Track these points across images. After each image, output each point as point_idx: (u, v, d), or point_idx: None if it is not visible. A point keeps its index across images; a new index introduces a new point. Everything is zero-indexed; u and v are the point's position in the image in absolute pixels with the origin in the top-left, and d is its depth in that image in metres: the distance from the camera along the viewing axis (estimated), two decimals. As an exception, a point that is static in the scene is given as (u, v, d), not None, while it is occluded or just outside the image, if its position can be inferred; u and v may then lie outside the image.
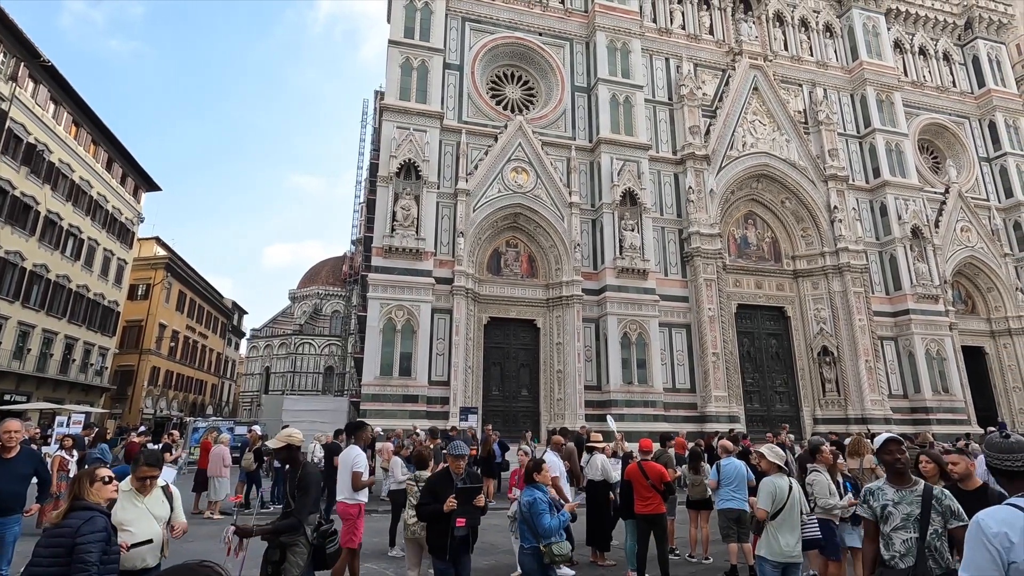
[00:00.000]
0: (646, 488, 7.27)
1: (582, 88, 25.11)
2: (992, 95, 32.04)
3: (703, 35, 27.89)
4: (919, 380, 25.16)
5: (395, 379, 19.41)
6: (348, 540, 6.16)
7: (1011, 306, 28.53)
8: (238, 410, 60.41)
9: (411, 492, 6.35)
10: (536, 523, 4.84)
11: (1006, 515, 2.33)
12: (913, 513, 3.44)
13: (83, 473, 3.67)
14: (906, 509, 3.47)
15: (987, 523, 2.32)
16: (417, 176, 21.12)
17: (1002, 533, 2.27)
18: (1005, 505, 2.42)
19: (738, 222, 26.78)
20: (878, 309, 25.86)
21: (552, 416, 21.49)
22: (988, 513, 2.38)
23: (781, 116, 26.84)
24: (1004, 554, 2.24)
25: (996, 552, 2.25)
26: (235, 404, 62.61)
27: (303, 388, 57.40)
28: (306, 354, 60.38)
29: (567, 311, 22.04)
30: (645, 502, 7.29)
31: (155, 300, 41.19)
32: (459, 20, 24.37)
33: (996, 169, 31.57)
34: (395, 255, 20.25)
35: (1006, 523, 2.29)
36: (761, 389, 25.07)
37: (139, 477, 4.28)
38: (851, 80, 29.52)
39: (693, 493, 9.20)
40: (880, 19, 30.54)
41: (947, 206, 28.64)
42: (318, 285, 67.81)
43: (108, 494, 3.67)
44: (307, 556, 4.59)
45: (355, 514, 6.42)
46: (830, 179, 26.35)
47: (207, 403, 51.42)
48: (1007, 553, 2.24)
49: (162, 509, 4.33)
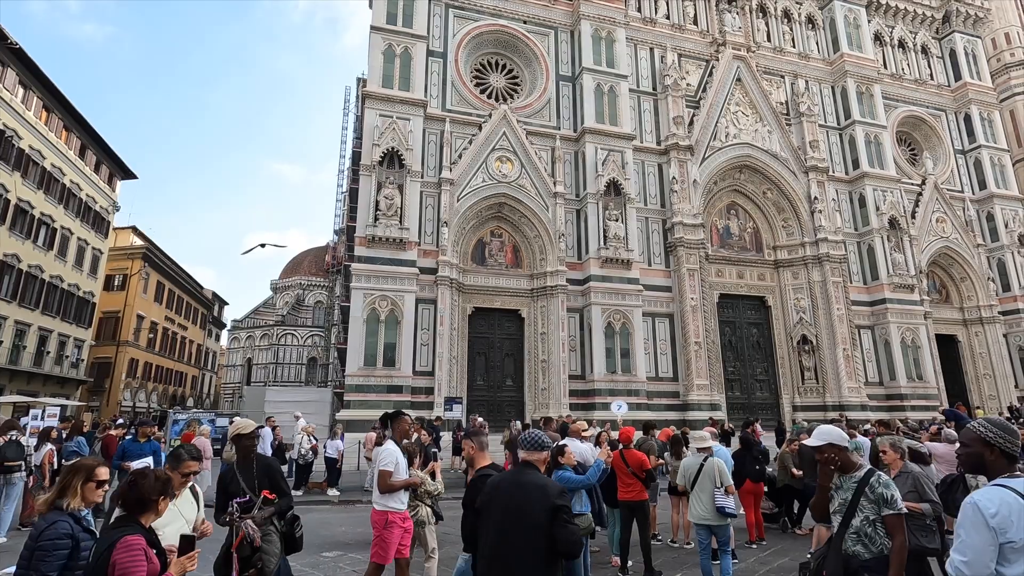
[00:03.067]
0: (627, 476, 7.37)
1: (567, 77, 25.01)
2: (968, 88, 32.62)
3: (687, 25, 27.91)
4: (895, 368, 25.75)
5: (379, 369, 19.32)
6: (377, 554, 5.38)
7: (983, 295, 29.27)
8: (219, 402, 59.72)
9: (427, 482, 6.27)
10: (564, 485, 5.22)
11: (1002, 496, 2.39)
12: (847, 499, 3.52)
13: (81, 467, 3.27)
14: (843, 495, 3.56)
15: (985, 505, 2.37)
16: (400, 165, 20.91)
17: (1001, 514, 2.32)
18: (995, 486, 2.47)
19: (721, 212, 27.02)
20: (856, 298, 26.36)
21: (536, 405, 21.60)
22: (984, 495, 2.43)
23: (763, 107, 27.04)
24: (1001, 535, 2.30)
25: (995, 533, 2.31)
26: (216, 396, 61.87)
27: (286, 379, 56.91)
28: (289, 345, 59.82)
29: (552, 301, 22.09)
30: (627, 489, 7.39)
31: (132, 291, 40.39)
32: (442, 6, 24.05)
33: (971, 161, 32.22)
34: (379, 245, 20.07)
35: (1004, 504, 2.35)
36: (742, 377, 25.46)
37: (184, 473, 4.00)
38: (832, 72, 29.81)
39: (675, 479, 9.31)
40: (861, 11, 30.83)
41: (923, 197, 29.20)
42: (300, 275, 67.06)
43: (95, 498, 3.29)
44: (280, 543, 4.52)
45: (381, 523, 5.43)
46: (811, 170, 26.68)
47: (187, 395, 50.73)
48: (1003, 534, 2.30)
49: (191, 510, 4.04)
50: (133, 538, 2.81)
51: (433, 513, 6.11)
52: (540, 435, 3.62)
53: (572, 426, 8.29)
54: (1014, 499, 2.34)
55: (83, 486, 3.20)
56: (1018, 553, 2.26)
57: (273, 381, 54.55)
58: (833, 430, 3.77)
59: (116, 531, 2.88)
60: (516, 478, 3.40)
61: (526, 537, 3.09)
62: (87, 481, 3.23)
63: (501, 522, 3.19)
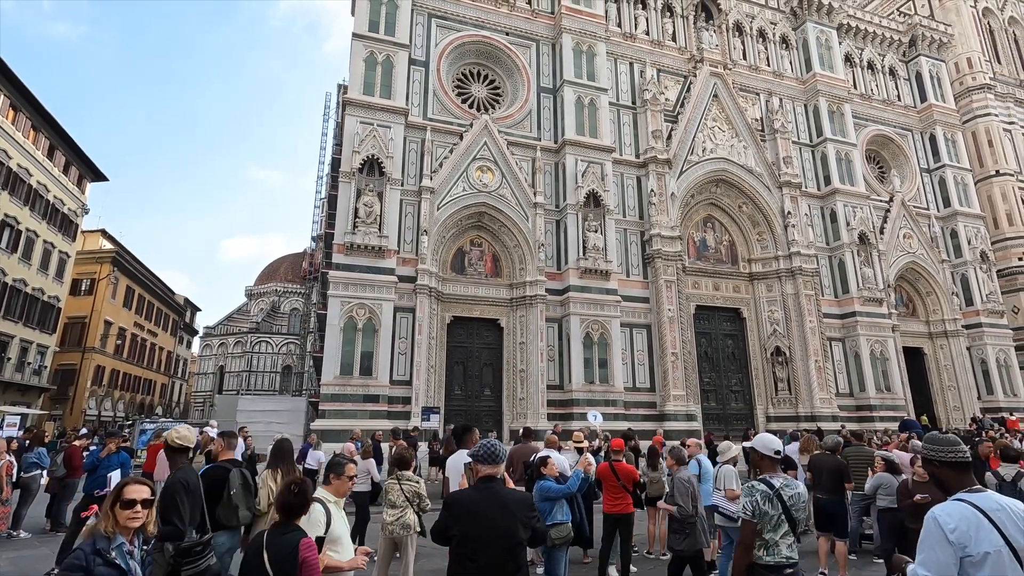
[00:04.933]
0: (617, 488, 7.33)
1: (548, 89, 25.26)
2: (933, 110, 33.88)
3: (666, 41, 28.48)
4: (864, 379, 26.37)
5: (356, 378, 19.07)
6: None
7: (947, 309, 30.24)
8: (190, 411, 58.23)
9: (391, 491, 6.25)
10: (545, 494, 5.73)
11: (962, 511, 2.45)
12: None
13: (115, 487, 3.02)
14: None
15: (945, 520, 2.43)
16: (380, 172, 20.81)
17: (960, 529, 2.38)
18: (955, 501, 2.53)
19: (698, 225, 27.47)
20: (827, 311, 26.98)
21: (515, 415, 21.55)
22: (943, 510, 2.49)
23: (739, 123, 27.66)
24: (960, 550, 2.36)
25: (955, 548, 2.36)
26: (187, 404, 60.31)
27: (259, 388, 55.83)
28: (263, 353, 58.76)
29: (530, 311, 22.13)
30: (615, 502, 7.35)
31: (100, 296, 39.26)
32: (425, 16, 24.13)
33: (936, 180, 33.40)
34: (357, 252, 19.89)
35: (963, 519, 2.41)
36: (718, 388, 25.78)
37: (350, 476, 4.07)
38: (805, 91, 30.68)
39: (651, 490, 9.35)
40: (832, 33, 31.85)
41: (891, 214, 30.12)
42: (277, 282, 66.06)
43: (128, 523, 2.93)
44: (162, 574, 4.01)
45: None
46: (784, 185, 27.33)
47: (156, 403, 49.33)
48: (963, 549, 2.36)
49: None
50: (309, 539, 3.24)
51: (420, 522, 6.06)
52: (496, 446, 3.62)
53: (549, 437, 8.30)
54: (972, 513, 2.40)
55: (112, 508, 2.92)
56: (977, 567, 2.31)
57: (246, 389, 53.45)
58: (762, 437, 4.08)
59: (290, 534, 3.24)
60: (493, 499, 3.40)
61: (511, 553, 3.34)
62: (113, 504, 2.93)
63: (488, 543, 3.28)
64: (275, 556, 3.14)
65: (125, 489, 2.97)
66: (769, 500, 3.66)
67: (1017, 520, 2.38)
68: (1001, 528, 2.34)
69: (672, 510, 6.43)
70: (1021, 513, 2.42)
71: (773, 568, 3.60)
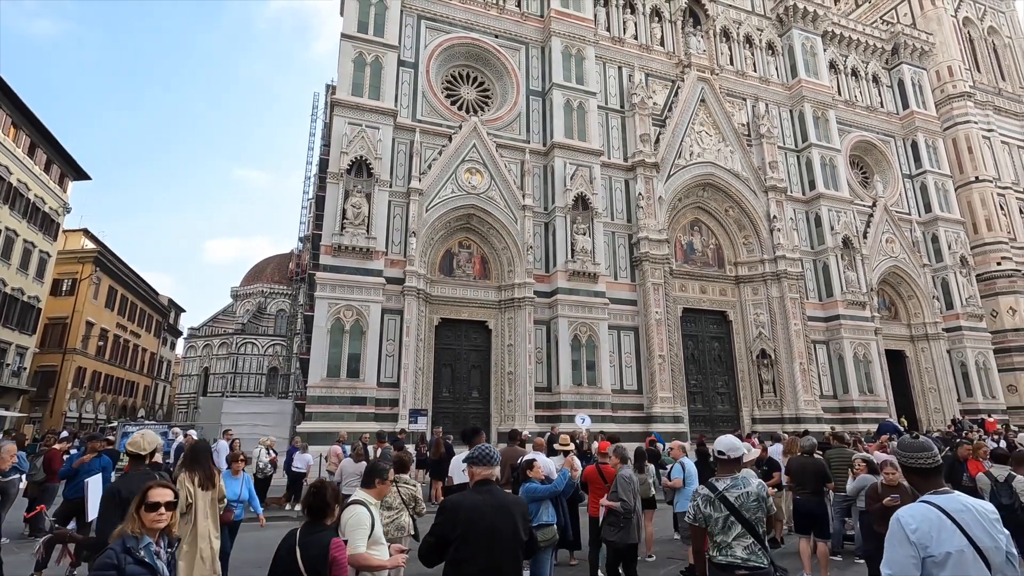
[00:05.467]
0: (604, 490, 7.18)
1: (537, 92, 25.33)
2: (915, 117, 34.49)
3: (654, 46, 28.70)
4: (847, 381, 26.73)
5: (343, 381, 18.96)
6: None
7: (928, 313, 30.76)
8: (173, 413, 57.46)
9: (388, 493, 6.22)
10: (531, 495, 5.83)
11: (924, 512, 2.51)
12: None
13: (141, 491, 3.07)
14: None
15: (907, 521, 2.49)
16: (369, 174, 20.73)
17: (922, 530, 2.44)
18: (920, 503, 2.60)
19: (685, 228, 27.70)
20: (812, 314, 27.31)
21: (502, 418, 21.54)
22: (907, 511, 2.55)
23: (726, 128, 27.94)
24: (922, 550, 2.41)
25: (917, 548, 2.42)
26: (170, 407, 59.48)
27: (245, 390, 55.25)
28: (248, 354, 58.16)
29: (519, 313, 22.15)
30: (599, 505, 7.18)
31: (82, 296, 38.62)
32: (415, 17, 24.10)
33: (917, 185, 33.99)
34: (345, 254, 19.79)
35: (925, 519, 2.47)
36: (704, 390, 25.99)
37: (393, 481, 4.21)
38: (790, 96, 31.08)
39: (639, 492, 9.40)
40: (817, 40, 32.31)
41: (874, 219, 30.59)
42: (263, 283, 65.45)
43: (154, 524, 3.00)
44: None
45: None
46: (770, 190, 27.65)
47: (139, 406, 48.61)
48: (924, 549, 2.41)
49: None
50: (339, 539, 3.42)
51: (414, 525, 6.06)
52: (490, 449, 3.67)
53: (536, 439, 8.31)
54: (936, 515, 2.46)
55: (137, 511, 2.98)
56: (940, 567, 2.37)
57: (231, 391, 52.87)
58: (724, 439, 4.10)
59: (320, 534, 3.41)
60: (493, 501, 3.45)
61: (513, 554, 3.42)
62: (139, 507, 2.99)
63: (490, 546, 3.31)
64: (307, 554, 3.27)
65: (150, 492, 3.02)
66: (711, 503, 3.72)
67: (983, 521, 2.44)
68: (965, 528, 2.39)
69: (616, 506, 6.50)
70: (988, 514, 2.48)
71: (725, 567, 3.64)
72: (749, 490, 3.74)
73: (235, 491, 7.03)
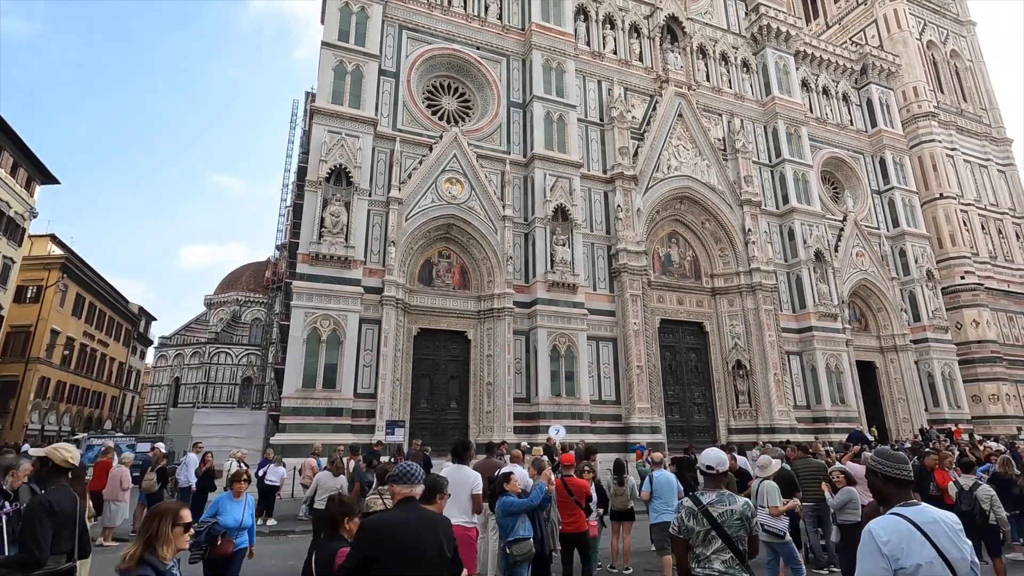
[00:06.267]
0: (570, 505, 7.10)
1: (518, 104, 25.52)
2: (883, 135, 35.65)
3: (633, 61, 29.20)
4: (820, 392, 27.24)
5: (318, 391, 18.65)
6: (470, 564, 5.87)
7: (897, 325, 31.61)
8: (141, 424, 55.79)
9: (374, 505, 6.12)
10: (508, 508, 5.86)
11: (895, 524, 2.56)
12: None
13: (165, 510, 3.09)
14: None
15: (879, 533, 2.54)
16: (348, 182, 20.59)
17: (893, 542, 2.49)
18: (891, 515, 2.65)
19: (662, 240, 28.07)
20: (785, 326, 27.83)
21: (481, 429, 21.41)
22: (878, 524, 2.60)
23: (703, 142, 28.49)
24: (893, 562, 2.46)
25: (888, 560, 2.47)
26: (138, 418, 57.76)
27: (217, 400, 53.96)
28: (222, 364, 56.89)
29: (498, 323, 22.12)
30: (569, 520, 7.09)
31: (47, 303, 37.39)
32: (396, 27, 24.14)
33: (885, 201, 35.05)
34: (322, 263, 19.57)
35: (896, 532, 2.52)
36: (681, 401, 26.22)
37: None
38: (764, 113, 31.87)
39: (616, 504, 9.38)
40: (790, 59, 33.26)
41: (845, 233, 31.42)
42: (238, 291, 64.26)
43: (182, 544, 3.10)
44: None
45: (474, 537, 6.01)
46: (745, 203, 28.22)
47: (105, 417, 47.10)
48: (895, 561, 2.46)
49: None
50: (345, 549, 3.61)
51: None
52: (412, 468, 3.60)
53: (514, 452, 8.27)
54: (906, 527, 2.52)
55: (171, 533, 3.03)
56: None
57: (203, 402, 51.59)
58: (707, 453, 4.13)
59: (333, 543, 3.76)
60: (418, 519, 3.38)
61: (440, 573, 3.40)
62: (174, 526, 3.05)
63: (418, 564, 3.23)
64: (319, 561, 3.72)
65: (182, 513, 3.13)
66: (694, 516, 3.79)
67: (949, 532, 2.51)
68: (934, 540, 2.46)
69: None
70: (954, 525, 2.55)
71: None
72: (733, 508, 3.79)
73: (236, 517, 6.17)
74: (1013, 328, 36.60)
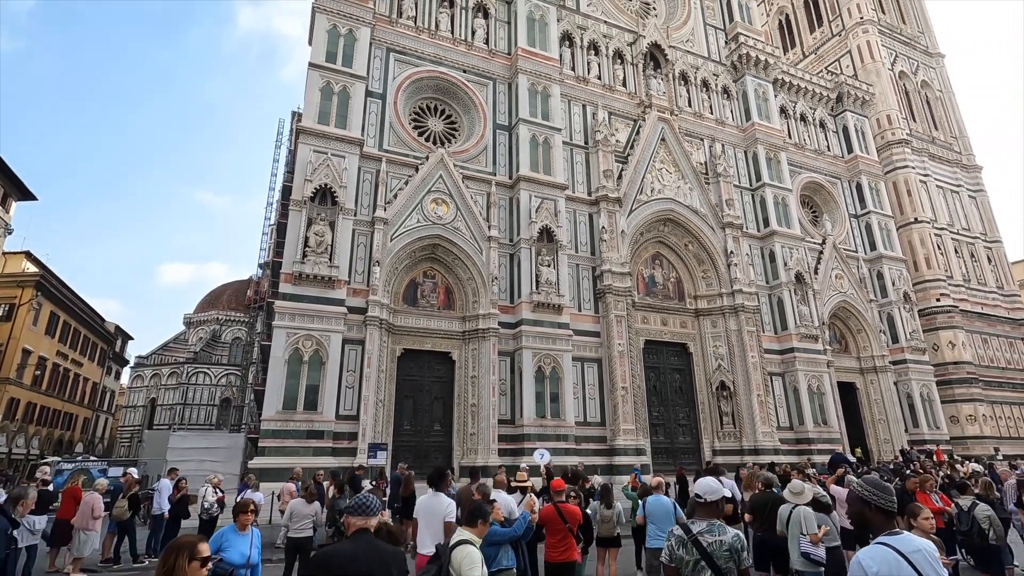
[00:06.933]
0: (563, 532, 6.85)
1: (503, 126, 25.80)
2: (859, 160, 36.65)
3: (617, 87, 29.79)
4: (802, 413, 27.42)
5: (299, 413, 18.29)
6: None
7: (876, 346, 32.10)
8: (115, 447, 54.15)
9: None
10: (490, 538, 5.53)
11: (883, 554, 2.58)
12: None
13: (181, 546, 3.03)
14: None
15: (868, 563, 2.55)
16: (333, 202, 20.52)
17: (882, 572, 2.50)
18: (878, 544, 2.67)
19: (646, 262, 28.33)
20: (768, 347, 28.10)
21: (465, 451, 21.15)
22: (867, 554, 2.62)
23: (685, 166, 29.01)
24: None
25: None
26: (112, 441, 56.06)
27: (195, 422, 52.61)
28: (200, 384, 55.58)
29: (483, 344, 22.01)
30: (559, 548, 6.82)
31: (20, 322, 36.39)
32: (383, 50, 24.37)
33: (862, 225, 35.89)
34: (305, 282, 19.36)
35: (884, 562, 2.54)
36: (666, 422, 26.20)
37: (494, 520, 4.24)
38: (745, 138, 32.61)
39: (602, 530, 9.23)
40: (769, 87, 34.19)
41: (824, 255, 32.02)
42: (218, 310, 63.17)
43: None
44: None
45: None
46: (727, 226, 28.66)
47: (77, 440, 45.62)
48: None
49: None
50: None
51: None
52: (370, 499, 3.53)
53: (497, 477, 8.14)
54: (893, 556, 2.55)
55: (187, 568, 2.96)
56: None
57: (180, 424, 50.27)
58: (702, 483, 4.10)
59: None
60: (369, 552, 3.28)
61: None
62: (190, 560, 2.97)
63: None
64: None
65: (199, 547, 3.05)
66: (683, 545, 3.77)
67: (932, 561, 2.57)
68: (919, 569, 2.49)
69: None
70: (934, 553, 2.62)
71: None
72: (724, 539, 3.76)
73: (243, 552, 5.64)
74: (988, 349, 37.39)
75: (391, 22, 24.80)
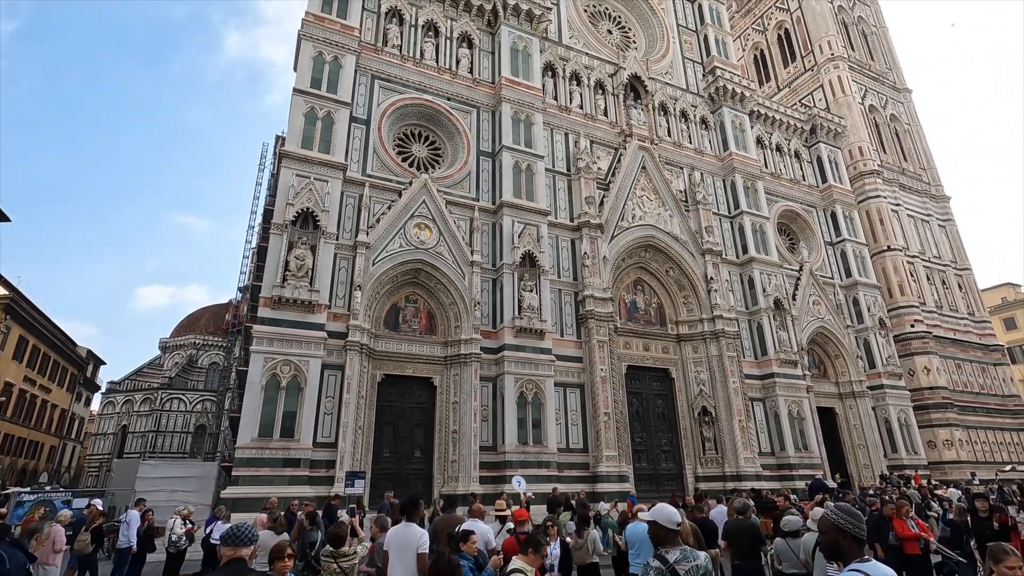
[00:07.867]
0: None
1: (487, 153, 26.13)
2: (832, 190, 37.73)
3: (598, 116, 30.45)
4: (783, 438, 27.54)
5: (275, 441, 17.85)
6: None
7: (854, 371, 32.56)
8: (81, 477, 52.16)
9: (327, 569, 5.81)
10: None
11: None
12: None
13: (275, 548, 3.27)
14: None
15: None
16: (315, 226, 20.44)
17: None
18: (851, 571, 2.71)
19: (628, 287, 28.57)
20: (748, 372, 28.32)
21: (446, 479, 20.78)
22: None
23: (665, 194, 29.56)
24: None
25: None
26: (79, 470, 54.03)
27: (167, 450, 51.10)
28: (174, 411, 54.16)
29: (465, 369, 21.85)
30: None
31: (-14, 347, 35.27)
32: (368, 77, 24.67)
33: (838, 252, 36.75)
34: (285, 306, 19.13)
35: None
36: (649, 448, 26.09)
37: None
38: (723, 167, 33.41)
39: (577, 558, 9.02)
40: (745, 118, 35.23)
41: (801, 282, 32.63)
42: (196, 334, 62.04)
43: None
44: None
45: None
46: (707, 253, 29.13)
47: (42, 469, 43.87)
48: None
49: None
50: None
51: None
52: (243, 529, 3.41)
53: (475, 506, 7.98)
54: None
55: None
56: None
57: (152, 452, 48.74)
58: (662, 509, 4.13)
59: None
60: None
61: None
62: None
63: None
64: None
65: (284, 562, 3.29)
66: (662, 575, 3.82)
67: None
68: None
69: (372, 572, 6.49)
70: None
71: None
72: (698, 563, 3.87)
73: None
74: (961, 375, 38.15)
75: (376, 50, 25.18)
